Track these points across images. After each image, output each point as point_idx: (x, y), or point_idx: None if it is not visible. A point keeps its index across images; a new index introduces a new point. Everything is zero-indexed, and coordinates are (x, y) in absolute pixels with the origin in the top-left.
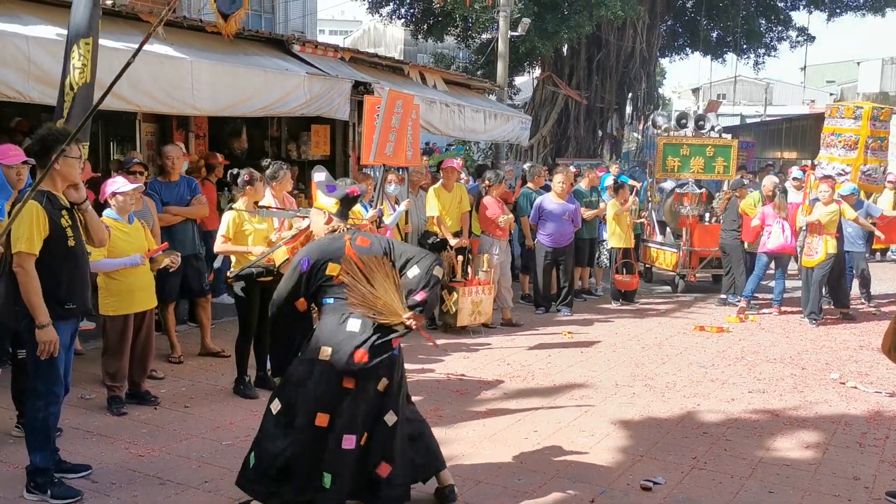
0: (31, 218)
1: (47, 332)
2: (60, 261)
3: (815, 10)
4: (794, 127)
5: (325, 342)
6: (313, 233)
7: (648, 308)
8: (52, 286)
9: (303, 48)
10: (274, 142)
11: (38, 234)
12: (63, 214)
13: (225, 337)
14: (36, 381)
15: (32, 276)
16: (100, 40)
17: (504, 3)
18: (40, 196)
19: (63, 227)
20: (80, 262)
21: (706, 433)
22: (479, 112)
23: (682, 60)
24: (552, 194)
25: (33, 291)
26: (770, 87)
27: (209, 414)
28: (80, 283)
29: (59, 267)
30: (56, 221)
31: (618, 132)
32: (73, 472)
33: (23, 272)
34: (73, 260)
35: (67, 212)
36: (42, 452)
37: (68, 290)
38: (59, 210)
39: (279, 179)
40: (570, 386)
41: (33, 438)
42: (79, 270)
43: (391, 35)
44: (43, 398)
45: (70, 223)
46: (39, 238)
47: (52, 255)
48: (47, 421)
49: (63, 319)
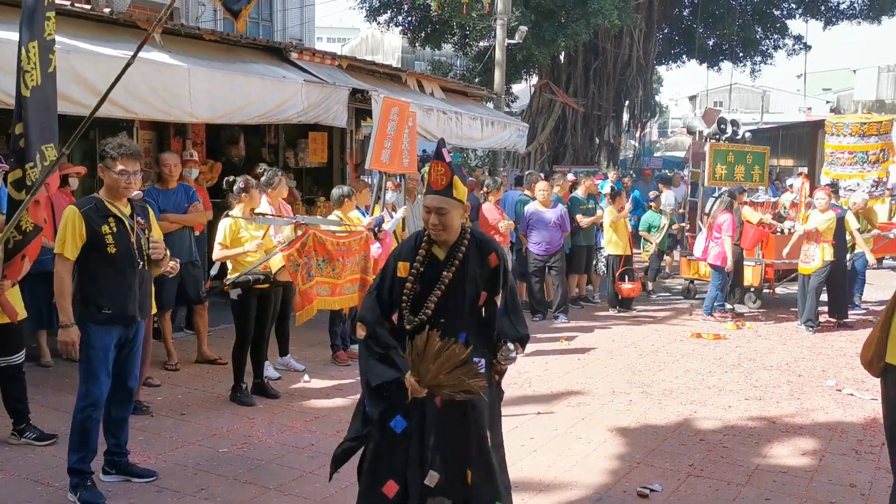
0: (65, 223)
1: (67, 332)
2: (99, 266)
3: (811, 19)
4: (790, 134)
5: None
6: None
7: (645, 315)
8: (91, 291)
9: (300, 56)
10: (271, 149)
11: (72, 239)
12: (109, 222)
13: (222, 344)
14: (80, 383)
15: (60, 277)
16: (97, 48)
17: (501, 11)
18: (86, 202)
19: (103, 234)
20: (123, 270)
21: (703, 440)
22: (476, 119)
23: (678, 68)
24: (537, 202)
25: (60, 292)
26: (766, 95)
27: (206, 421)
28: (123, 290)
29: (97, 272)
30: (95, 228)
31: (615, 140)
32: (138, 477)
33: (55, 273)
34: (113, 267)
35: (116, 220)
36: (78, 453)
37: (106, 296)
38: (105, 217)
39: (274, 186)
40: (567, 393)
41: (72, 438)
42: (121, 278)
43: (389, 43)
44: (82, 399)
45: (113, 231)
46: (73, 243)
47: (92, 261)
48: (85, 423)
49: (100, 324)
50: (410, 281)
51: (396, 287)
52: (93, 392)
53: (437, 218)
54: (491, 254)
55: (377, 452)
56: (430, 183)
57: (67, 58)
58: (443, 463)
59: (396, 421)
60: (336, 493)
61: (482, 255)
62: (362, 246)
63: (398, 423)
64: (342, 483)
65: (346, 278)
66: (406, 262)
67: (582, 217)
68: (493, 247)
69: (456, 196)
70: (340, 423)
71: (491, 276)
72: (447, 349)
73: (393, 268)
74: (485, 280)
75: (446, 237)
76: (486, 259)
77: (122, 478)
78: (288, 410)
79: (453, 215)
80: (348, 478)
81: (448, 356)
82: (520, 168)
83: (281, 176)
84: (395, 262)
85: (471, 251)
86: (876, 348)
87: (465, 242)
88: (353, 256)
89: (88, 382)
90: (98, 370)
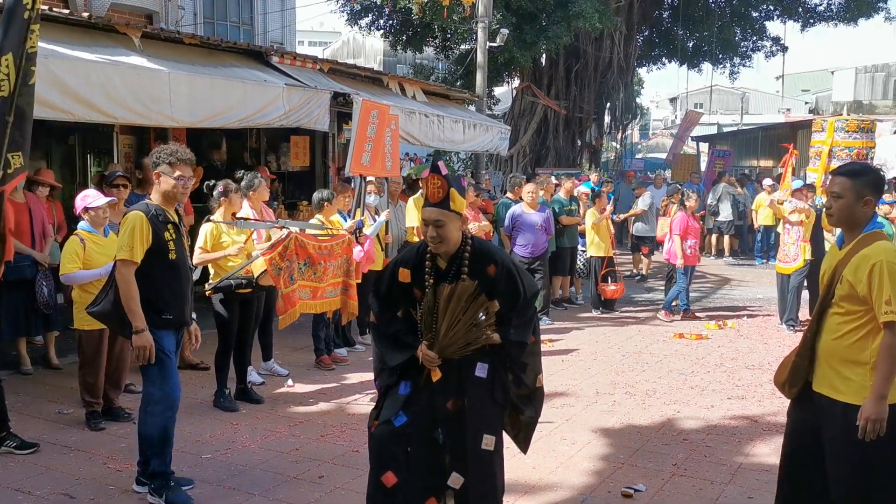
0: (132, 228)
1: (143, 336)
2: (161, 272)
3: (788, 20)
4: (769, 135)
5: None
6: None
7: (628, 316)
8: (152, 296)
9: (281, 60)
10: (253, 153)
11: (139, 244)
12: (168, 228)
13: (204, 349)
14: (151, 386)
15: (130, 282)
16: (76, 52)
17: (482, 14)
18: (148, 208)
19: (166, 240)
20: (181, 276)
21: (686, 440)
22: (458, 122)
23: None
24: (524, 204)
25: (130, 297)
26: (746, 97)
27: (189, 427)
28: (179, 295)
29: (159, 278)
30: (160, 234)
31: (596, 142)
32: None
33: (121, 278)
34: (174, 272)
35: (174, 226)
36: (160, 457)
37: (166, 301)
38: (165, 224)
39: (255, 189)
40: (551, 394)
41: (151, 444)
42: (178, 283)
43: (370, 46)
44: (159, 403)
45: (173, 237)
46: (141, 248)
47: (154, 266)
48: (166, 424)
49: (161, 328)
50: (421, 295)
51: (396, 290)
52: (170, 394)
53: (436, 230)
54: (490, 264)
55: (379, 440)
56: (428, 196)
57: (46, 62)
58: (457, 463)
59: (397, 415)
60: (321, 497)
61: (482, 265)
62: (344, 249)
63: (398, 416)
64: (327, 487)
65: (328, 282)
66: (407, 268)
67: (565, 217)
68: (493, 257)
69: (453, 208)
70: (324, 428)
71: (489, 285)
72: (457, 293)
73: (393, 271)
74: (486, 289)
75: (445, 249)
76: (485, 269)
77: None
78: (272, 415)
79: (451, 227)
80: (334, 482)
81: (457, 299)
82: (502, 171)
83: (261, 179)
84: (397, 267)
85: (472, 261)
86: (791, 373)
87: (466, 252)
88: (335, 260)
89: (164, 385)
90: (171, 371)
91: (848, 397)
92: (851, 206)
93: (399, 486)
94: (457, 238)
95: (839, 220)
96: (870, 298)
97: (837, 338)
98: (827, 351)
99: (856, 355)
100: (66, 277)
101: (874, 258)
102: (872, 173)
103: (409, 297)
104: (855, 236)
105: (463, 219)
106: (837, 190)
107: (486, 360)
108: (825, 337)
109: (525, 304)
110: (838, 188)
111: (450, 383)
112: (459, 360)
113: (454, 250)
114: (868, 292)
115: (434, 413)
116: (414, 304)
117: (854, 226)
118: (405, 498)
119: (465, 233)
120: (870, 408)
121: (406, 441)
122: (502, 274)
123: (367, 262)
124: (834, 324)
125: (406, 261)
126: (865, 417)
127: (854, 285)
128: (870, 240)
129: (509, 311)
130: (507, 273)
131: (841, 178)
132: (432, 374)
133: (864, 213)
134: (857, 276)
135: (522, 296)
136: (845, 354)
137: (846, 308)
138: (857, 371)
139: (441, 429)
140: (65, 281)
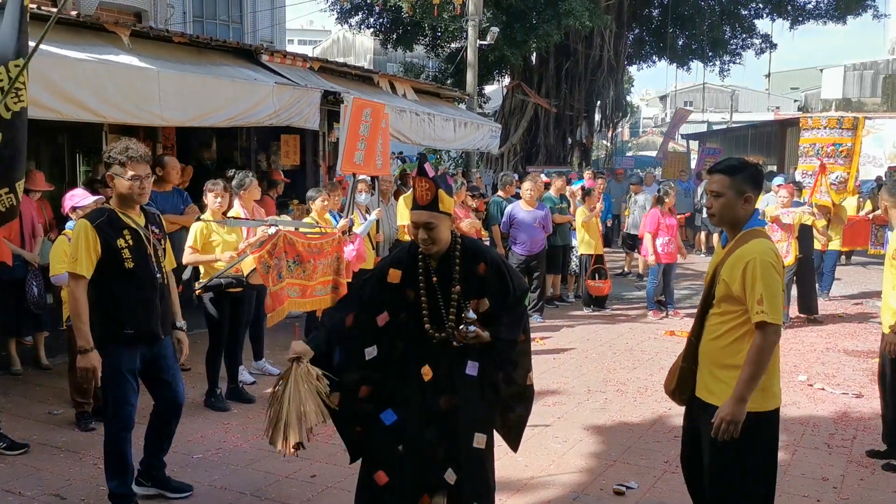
0: (76, 238)
1: (86, 357)
2: (117, 283)
3: (777, 18)
4: (759, 133)
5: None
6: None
7: (620, 314)
8: (110, 309)
9: (271, 58)
10: (244, 152)
11: (85, 255)
12: (123, 234)
13: (195, 349)
14: (107, 406)
15: (77, 298)
16: (65, 51)
17: (472, 12)
18: (97, 214)
19: (119, 247)
20: (143, 285)
21: (678, 437)
22: (448, 121)
23: (649, 68)
24: (522, 202)
25: (76, 314)
26: (735, 95)
27: (180, 427)
28: (143, 307)
29: (116, 289)
30: (110, 242)
31: (587, 140)
32: (175, 491)
33: (69, 293)
34: (133, 282)
35: (132, 232)
36: (118, 478)
37: (126, 314)
38: (120, 230)
39: (246, 187)
40: (543, 392)
41: (108, 464)
42: (140, 293)
43: (360, 44)
44: (112, 424)
45: (130, 244)
46: (88, 259)
47: (107, 277)
48: (119, 446)
49: (123, 344)
50: (415, 295)
51: (386, 292)
52: (121, 415)
53: (426, 233)
54: (480, 262)
55: (370, 439)
56: (416, 199)
57: (34, 61)
58: (449, 461)
59: (386, 413)
60: (313, 496)
61: (473, 263)
62: (335, 248)
63: (388, 415)
64: (319, 486)
65: (317, 280)
66: (399, 269)
67: (557, 215)
68: (482, 256)
69: (442, 209)
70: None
71: (479, 283)
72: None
73: (382, 271)
74: (475, 287)
75: (436, 250)
76: (475, 267)
77: (156, 491)
78: (263, 415)
79: (441, 228)
80: (326, 481)
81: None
82: (493, 169)
83: (252, 177)
84: (387, 268)
85: (463, 260)
86: (679, 380)
87: (456, 252)
88: (325, 258)
89: (116, 406)
90: (125, 393)
91: (720, 401)
92: (733, 204)
93: (390, 484)
94: (447, 238)
95: (721, 219)
96: (744, 298)
97: (715, 339)
98: (706, 353)
99: (730, 358)
100: (56, 278)
101: (748, 257)
102: (750, 168)
103: (401, 299)
104: (736, 234)
105: (452, 217)
106: (717, 188)
107: (476, 358)
108: (705, 338)
109: (514, 301)
110: (717, 186)
111: (441, 382)
112: (451, 359)
113: (445, 249)
114: (742, 292)
115: (426, 411)
116: (406, 306)
117: (735, 224)
118: (397, 497)
119: (455, 231)
120: (727, 408)
121: (397, 440)
122: (492, 271)
123: (359, 260)
124: (712, 325)
125: (398, 261)
126: (721, 417)
127: (730, 285)
128: (748, 237)
129: (499, 308)
130: (497, 270)
131: (719, 175)
132: (423, 374)
133: (745, 211)
134: (733, 276)
135: (512, 293)
136: (720, 357)
137: (724, 309)
138: (730, 374)
139: (433, 427)
140: (55, 281)
